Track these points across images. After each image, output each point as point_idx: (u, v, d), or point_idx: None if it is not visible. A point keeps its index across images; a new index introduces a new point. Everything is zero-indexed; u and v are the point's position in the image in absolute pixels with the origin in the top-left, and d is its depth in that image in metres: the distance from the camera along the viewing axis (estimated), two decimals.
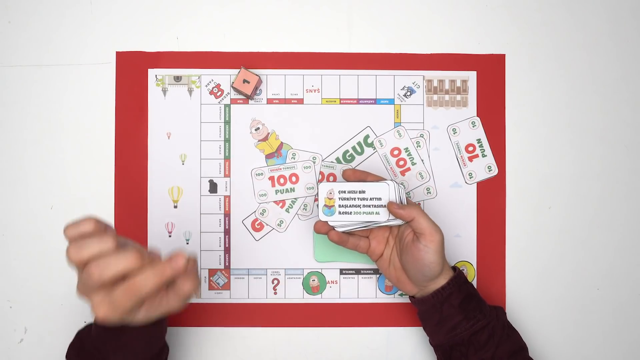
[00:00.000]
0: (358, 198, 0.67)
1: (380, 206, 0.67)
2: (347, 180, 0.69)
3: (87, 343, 0.60)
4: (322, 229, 0.68)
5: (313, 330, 0.75)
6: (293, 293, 0.75)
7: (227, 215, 0.75)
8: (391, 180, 0.68)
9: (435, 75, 0.76)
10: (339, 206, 0.67)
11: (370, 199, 0.67)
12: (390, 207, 0.66)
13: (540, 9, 0.76)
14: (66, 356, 0.62)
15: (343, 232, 0.68)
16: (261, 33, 0.75)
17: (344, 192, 0.67)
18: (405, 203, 0.67)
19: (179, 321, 0.74)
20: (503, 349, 0.65)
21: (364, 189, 0.67)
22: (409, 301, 0.73)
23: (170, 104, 0.75)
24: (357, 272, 0.75)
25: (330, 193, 0.67)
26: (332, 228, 0.68)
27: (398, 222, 0.67)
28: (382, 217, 0.67)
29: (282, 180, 0.75)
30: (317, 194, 0.69)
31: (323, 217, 0.67)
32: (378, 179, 0.68)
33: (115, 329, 0.56)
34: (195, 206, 0.75)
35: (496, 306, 0.68)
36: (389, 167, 0.75)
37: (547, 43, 0.76)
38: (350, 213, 0.67)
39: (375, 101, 0.76)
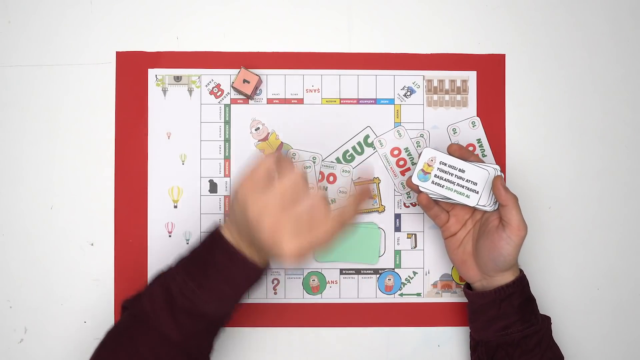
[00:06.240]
0: (456, 175, 0.66)
1: (474, 191, 0.66)
2: (452, 155, 0.67)
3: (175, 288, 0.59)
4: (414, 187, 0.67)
5: (313, 330, 0.75)
6: (293, 293, 0.75)
7: (227, 215, 0.75)
8: (494, 167, 0.66)
9: (435, 75, 0.76)
10: (435, 176, 0.66)
11: (467, 180, 0.66)
12: (496, 181, 0.64)
13: (540, 9, 0.76)
14: (132, 303, 0.61)
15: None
16: (261, 33, 0.75)
17: (445, 164, 0.66)
18: None
19: None
20: (546, 358, 0.65)
21: (465, 168, 0.66)
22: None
23: (170, 104, 0.75)
24: (357, 272, 0.75)
25: (432, 160, 0.66)
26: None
27: (486, 208, 0.66)
28: (471, 201, 0.66)
29: None
30: (419, 155, 0.67)
31: (416, 181, 0.66)
32: (479, 161, 0.67)
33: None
34: (195, 206, 0.74)
35: (546, 315, 0.69)
36: (389, 167, 0.75)
37: (547, 43, 0.76)
38: (443, 186, 0.66)
39: (375, 101, 0.76)
